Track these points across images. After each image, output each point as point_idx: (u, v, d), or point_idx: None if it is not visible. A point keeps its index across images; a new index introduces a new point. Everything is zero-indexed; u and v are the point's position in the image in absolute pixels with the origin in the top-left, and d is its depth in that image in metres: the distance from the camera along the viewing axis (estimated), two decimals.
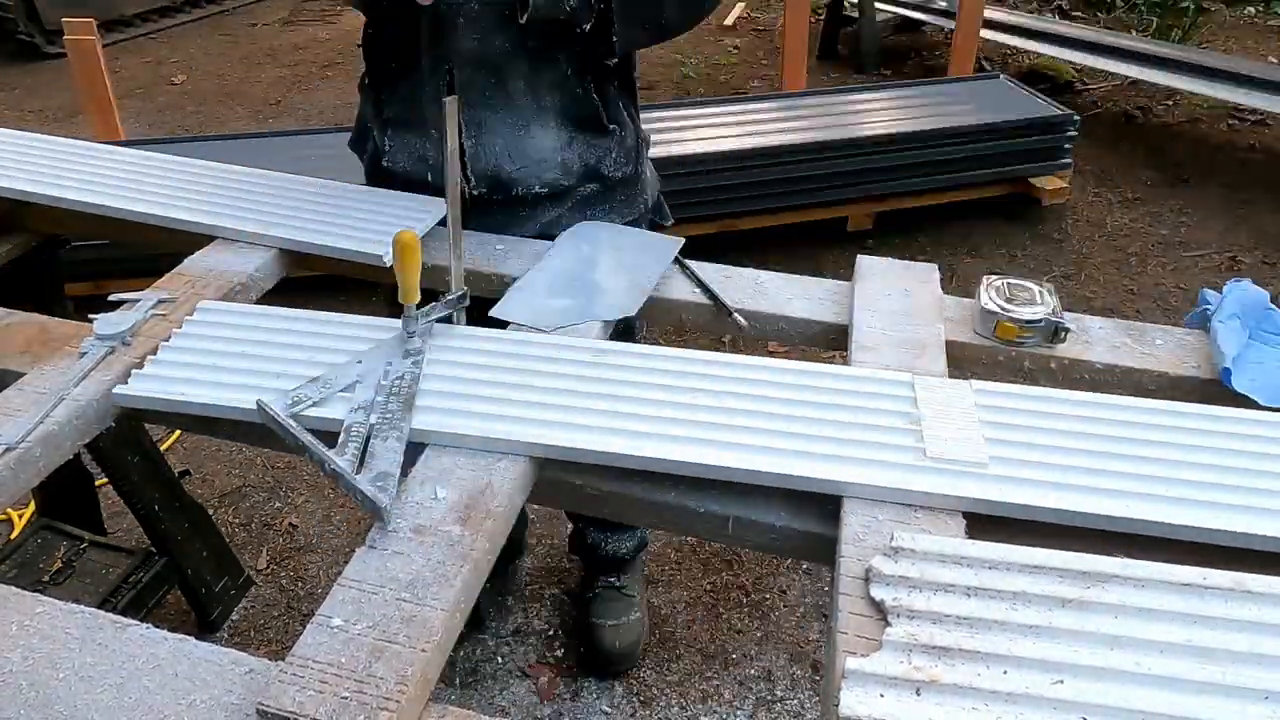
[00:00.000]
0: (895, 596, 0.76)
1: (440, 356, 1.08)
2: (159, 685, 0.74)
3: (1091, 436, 0.95)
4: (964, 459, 0.91)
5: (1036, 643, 0.72)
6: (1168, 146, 4.50)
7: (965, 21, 4.35)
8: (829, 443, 0.94)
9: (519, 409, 0.99)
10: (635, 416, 0.98)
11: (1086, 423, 0.97)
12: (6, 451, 0.94)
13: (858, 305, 1.21)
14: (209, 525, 1.95)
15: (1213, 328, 1.14)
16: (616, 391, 1.01)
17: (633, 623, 1.91)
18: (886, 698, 0.68)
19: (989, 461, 0.91)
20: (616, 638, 1.88)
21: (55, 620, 0.80)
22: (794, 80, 4.21)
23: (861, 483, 0.89)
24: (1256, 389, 1.05)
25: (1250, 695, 0.68)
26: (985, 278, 1.21)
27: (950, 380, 1.03)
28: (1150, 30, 6.07)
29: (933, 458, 0.91)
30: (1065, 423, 0.97)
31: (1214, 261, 3.53)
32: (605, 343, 1.13)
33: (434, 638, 0.75)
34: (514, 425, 0.96)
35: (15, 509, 2.13)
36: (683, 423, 0.97)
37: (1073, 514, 0.86)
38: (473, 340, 1.11)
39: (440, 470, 0.92)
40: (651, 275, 1.26)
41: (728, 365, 1.06)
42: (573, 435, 0.95)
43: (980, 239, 3.67)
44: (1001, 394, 1.01)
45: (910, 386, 1.02)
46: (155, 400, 1.02)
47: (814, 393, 1.01)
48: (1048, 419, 0.98)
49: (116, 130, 3.40)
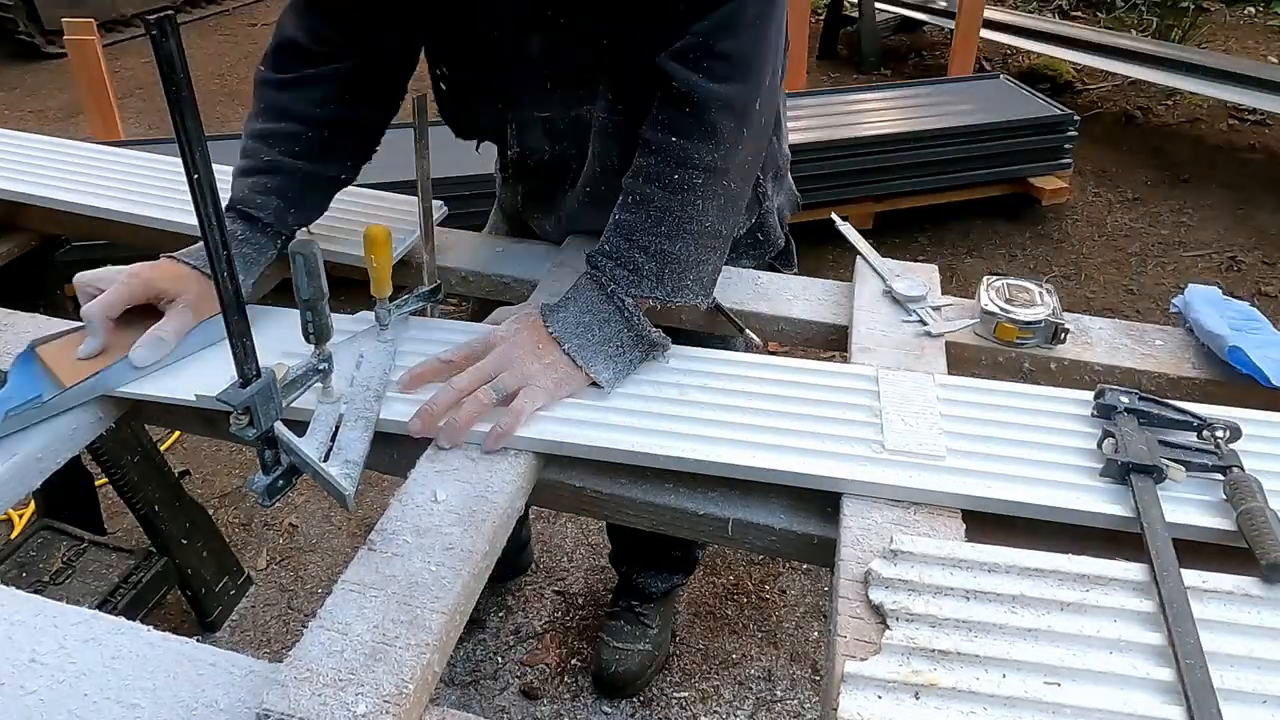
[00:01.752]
0: (894, 600, 0.76)
1: (418, 349, 1.08)
2: (159, 686, 0.74)
3: (1036, 429, 0.97)
4: (921, 451, 0.92)
5: (1035, 646, 0.72)
6: (1168, 146, 4.50)
7: (965, 21, 4.36)
8: (788, 435, 0.96)
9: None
10: (629, 413, 0.99)
11: (1032, 415, 0.99)
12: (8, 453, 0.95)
13: (858, 305, 1.21)
14: (209, 525, 1.95)
15: (1193, 320, 1.16)
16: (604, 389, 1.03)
17: (638, 653, 1.86)
18: (885, 701, 0.68)
19: (946, 454, 0.92)
20: (614, 662, 1.85)
21: (55, 622, 0.80)
22: (794, 80, 4.21)
23: (819, 474, 0.91)
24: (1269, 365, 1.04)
25: (1250, 699, 0.68)
26: (985, 278, 1.21)
27: (911, 374, 1.05)
28: (1150, 30, 6.08)
29: (890, 450, 0.93)
30: (1017, 415, 0.99)
31: (1214, 261, 3.53)
32: None
33: (434, 639, 0.75)
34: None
35: (15, 509, 2.14)
36: (671, 419, 0.98)
37: (980, 499, 0.88)
38: (453, 333, 1.12)
39: (440, 471, 0.92)
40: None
41: (702, 360, 1.08)
42: (570, 431, 0.96)
43: (980, 239, 3.68)
44: (964, 388, 1.03)
45: (874, 381, 1.03)
46: (138, 394, 1.03)
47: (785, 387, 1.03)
48: (1004, 411, 0.99)
49: (116, 130, 3.40)
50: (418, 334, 1.12)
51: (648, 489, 0.96)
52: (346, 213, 1.37)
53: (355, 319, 1.14)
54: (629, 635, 1.88)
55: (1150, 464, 0.87)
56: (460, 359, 1.02)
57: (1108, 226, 3.79)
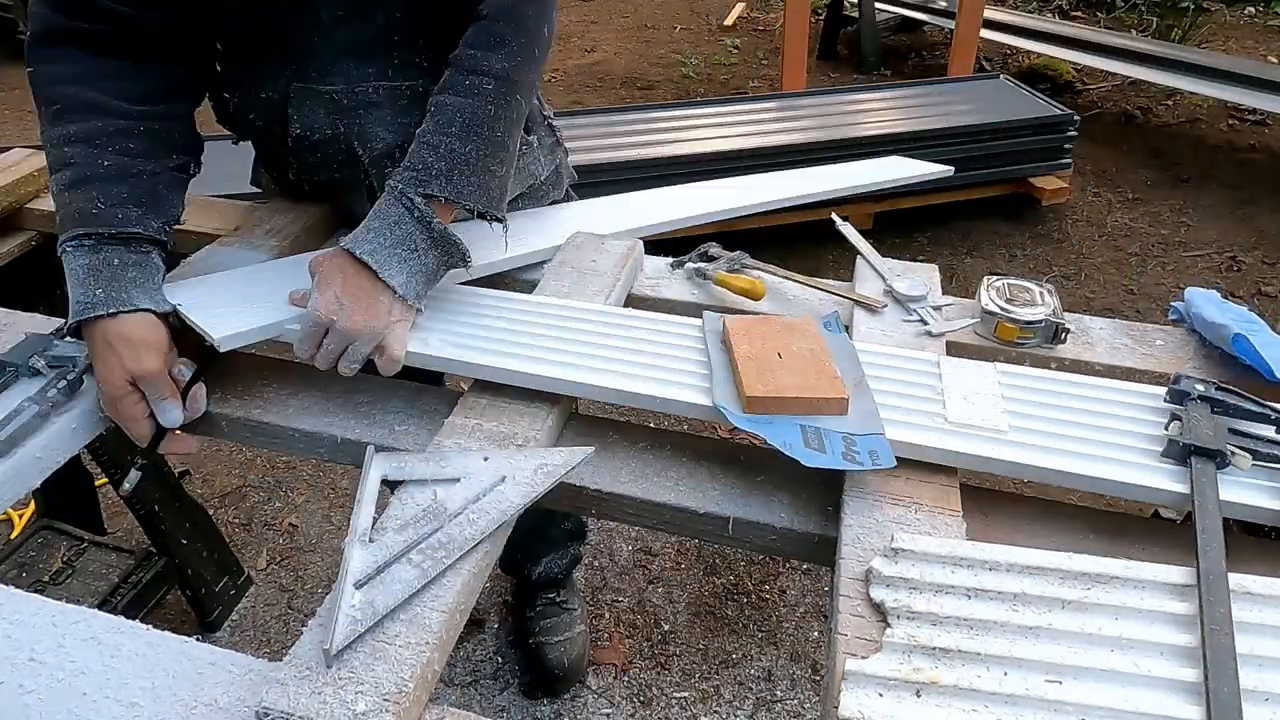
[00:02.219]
0: (895, 598, 0.76)
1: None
2: (158, 685, 0.74)
3: (1102, 414, 0.96)
4: (983, 424, 0.93)
5: (1037, 644, 0.72)
6: (1168, 146, 4.50)
7: (965, 21, 4.36)
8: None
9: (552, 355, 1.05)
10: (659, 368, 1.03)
11: (1099, 403, 0.98)
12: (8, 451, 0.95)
13: (858, 306, 1.21)
14: (209, 525, 1.95)
15: (1194, 315, 1.16)
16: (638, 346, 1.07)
17: (576, 637, 1.88)
18: (886, 699, 0.68)
19: (1008, 429, 0.94)
20: (564, 654, 1.85)
21: (54, 621, 0.80)
22: (794, 80, 4.22)
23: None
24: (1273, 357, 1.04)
25: (1252, 697, 0.68)
26: (985, 278, 1.21)
27: (974, 361, 1.07)
28: (1150, 30, 6.08)
29: (953, 422, 0.93)
30: (1084, 402, 0.98)
31: (1214, 261, 3.53)
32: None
33: (434, 638, 0.75)
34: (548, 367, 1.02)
35: (15, 509, 2.14)
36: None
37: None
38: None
39: (441, 472, 0.92)
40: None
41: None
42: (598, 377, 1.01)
43: (980, 239, 3.68)
44: (1028, 376, 1.04)
45: (936, 364, 1.05)
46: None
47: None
48: (1069, 399, 0.99)
49: None
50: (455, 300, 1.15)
51: (648, 488, 0.96)
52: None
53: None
54: (562, 626, 1.88)
55: (1214, 448, 0.87)
56: (308, 353, 1.04)
57: (1108, 226, 3.79)
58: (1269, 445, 0.89)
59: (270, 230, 1.35)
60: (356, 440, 1.02)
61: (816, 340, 1.04)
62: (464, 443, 0.96)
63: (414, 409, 1.07)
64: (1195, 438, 0.88)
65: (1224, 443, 0.88)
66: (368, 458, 0.91)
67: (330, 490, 2.39)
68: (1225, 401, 0.93)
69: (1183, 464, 0.89)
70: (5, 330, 1.14)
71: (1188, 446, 0.88)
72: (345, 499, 2.34)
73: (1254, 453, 0.88)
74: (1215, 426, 0.90)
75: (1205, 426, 0.90)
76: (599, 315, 1.13)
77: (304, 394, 1.09)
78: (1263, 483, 0.87)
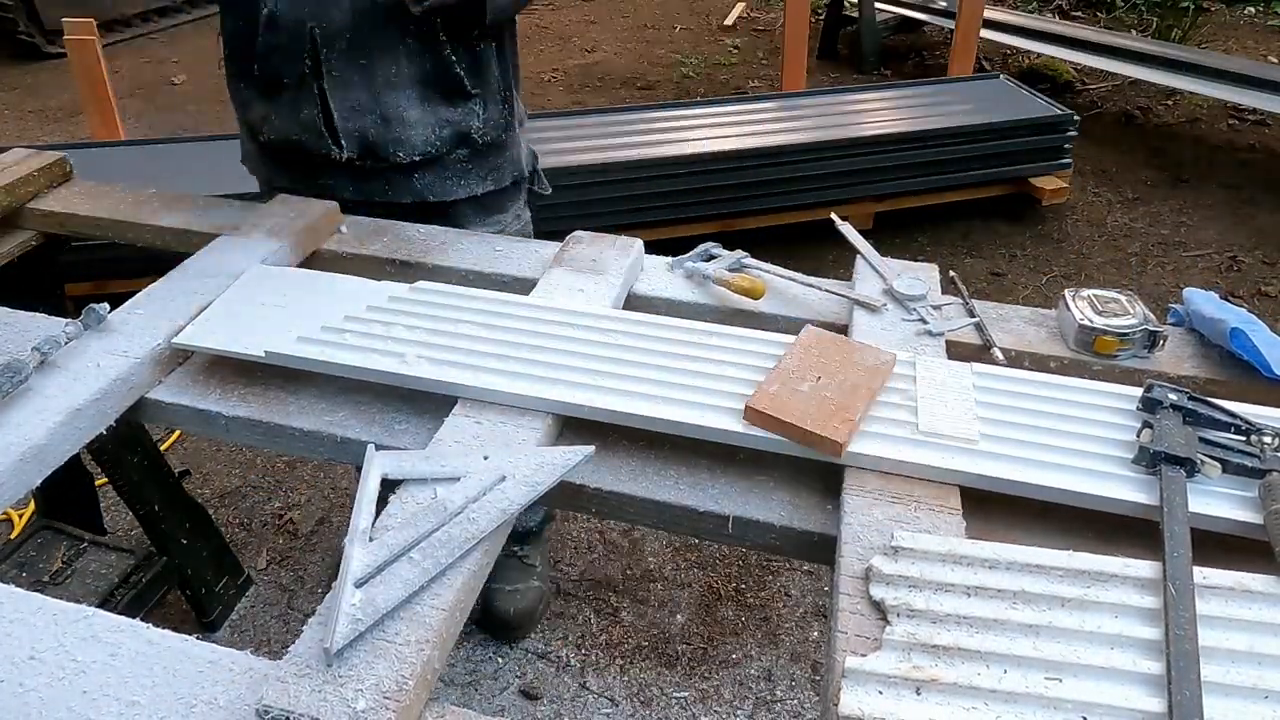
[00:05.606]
0: (895, 596, 0.76)
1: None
2: (159, 685, 0.74)
3: (1075, 419, 0.97)
4: (954, 434, 0.92)
5: (1036, 642, 0.72)
6: (1168, 146, 4.50)
7: (965, 21, 4.36)
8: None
9: (540, 369, 1.04)
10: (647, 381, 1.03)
11: (1073, 406, 0.98)
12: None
13: (857, 305, 1.21)
14: (209, 525, 1.95)
15: (1193, 312, 1.16)
16: (627, 357, 1.06)
17: (530, 590, 1.95)
18: (886, 697, 0.68)
19: (979, 439, 0.93)
20: (512, 603, 1.92)
21: (55, 620, 0.80)
22: (794, 80, 4.21)
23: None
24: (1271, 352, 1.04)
25: (1251, 695, 0.68)
26: (1065, 292, 1.16)
27: (948, 362, 1.06)
28: (1150, 30, 6.08)
29: (924, 432, 0.94)
30: (1057, 405, 0.98)
31: (1214, 261, 3.53)
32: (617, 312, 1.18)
33: (434, 635, 0.75)
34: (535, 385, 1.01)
35: (15, 509, 2.14)
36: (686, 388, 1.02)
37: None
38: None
39: (441, 471, 0.92)
40: None
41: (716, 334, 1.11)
42: (590, 396, 0.99)
43: (980, 239, 3.67)
44: (1003, 378, 1.04)
45: (911, 366, 1.05)
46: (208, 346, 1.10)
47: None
48: (1043, 402, 0.99)
49: (116, 130, 3.39)
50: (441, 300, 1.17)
51: (648, 486, 0.96)
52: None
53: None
54: (518, 577, 1.95)
55: (1184, 456, 0.87)
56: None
57: (1108, 226, 3.79)
58: (1239, 455, 0.89)
59: (270, 230, 1.35)
60: (356, 439, 1.02)
61: (876, 378, 0.99)
62: (464, 441, 0.96)
63: (414, 408, 1.07)
64: (1166, 445, 0.89)
65: (1195, 451, 0.88)
66: (368, 457, 0.91)
67: (330, 490, 2.39)
68: (1196, 411, 0.94)
69: (1153, 472, 0.89)
70: (5, 330, 1.15)
71: (1158, 454, 0.88)
72: (345, 499, 2.34)
73: (1224, 463, 0.88)
74: (1186, 435, 0.90)
75: (1176, 435, 0.90)
76: (601, 322, 1.13)
77: (304, 394, 1.09)
78: (1232, 492, 0.87)
